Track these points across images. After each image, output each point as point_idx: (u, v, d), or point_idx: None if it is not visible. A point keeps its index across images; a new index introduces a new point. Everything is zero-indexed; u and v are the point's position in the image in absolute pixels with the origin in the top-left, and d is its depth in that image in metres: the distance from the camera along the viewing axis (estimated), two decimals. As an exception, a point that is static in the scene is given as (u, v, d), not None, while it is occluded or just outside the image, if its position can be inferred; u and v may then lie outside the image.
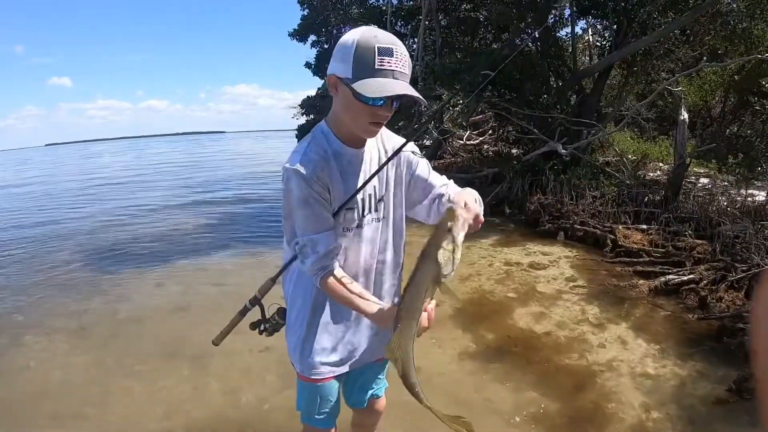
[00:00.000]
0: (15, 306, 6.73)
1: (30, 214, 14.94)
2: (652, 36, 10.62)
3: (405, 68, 1.61)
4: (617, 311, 5.59)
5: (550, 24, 12.78)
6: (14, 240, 11.00)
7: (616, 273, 6.77)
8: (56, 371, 4.79)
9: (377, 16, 16.40)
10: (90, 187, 22.70)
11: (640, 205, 8.74)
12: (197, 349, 4.92)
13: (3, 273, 8.31)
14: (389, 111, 1.68)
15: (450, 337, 5.08)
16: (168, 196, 17.23)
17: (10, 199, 19.29)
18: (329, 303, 1.97)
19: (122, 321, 6.01)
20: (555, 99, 11.69)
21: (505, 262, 7.48)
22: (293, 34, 17.87)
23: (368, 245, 1.93)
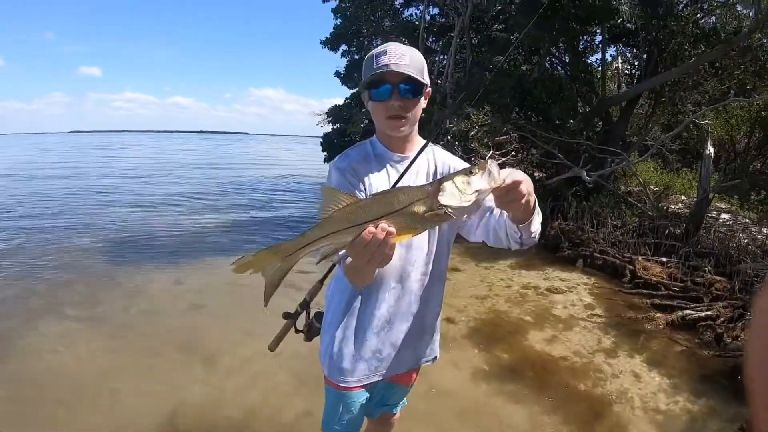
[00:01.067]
0: (31, 289, 6.89)
1: (52, 200, 15.22)
2: (683, 68, 10.67)
3: (400, 59, 1.73)
4: (633, 343, 5.64)
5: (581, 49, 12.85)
6: (36, 224, 11.24)
7: (633, 304, 6.81)
8: (68, 359, 4.91)
9: (409, 30, 16.53)
10: (113, 177, 23.14)
11: (661, 237, 8.77)
12: (211, 348, 5.06)
13: (22, 256, 8.50)
14: (399, 101, 1.77)
15: (466, 356, 5.15)
16: (192, 193, 17.51)
17: (33, 185, 19.54)
18: (363, 308, 1.97)
19: (137, 314, 6.13)
20: (581, 125, 11.73)
21: (523, 285, 7.56)
22: (325, 42, 18.03)
23: (407, 251, 1.92)
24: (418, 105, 1.84)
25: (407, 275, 1.95)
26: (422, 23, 15.23)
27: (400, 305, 1.98)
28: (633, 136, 13.35)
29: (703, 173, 9.09)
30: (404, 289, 1.96)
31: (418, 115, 1.89)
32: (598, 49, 13.66)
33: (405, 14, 17.47)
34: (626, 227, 9.07)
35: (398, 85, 1.75)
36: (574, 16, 11.25)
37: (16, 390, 4.32)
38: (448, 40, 14.27)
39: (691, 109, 12.76)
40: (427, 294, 2.02)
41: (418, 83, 1.77)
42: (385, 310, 1.97)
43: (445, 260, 2.06)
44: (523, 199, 1.44)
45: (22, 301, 6.45)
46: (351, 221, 1.34)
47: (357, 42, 17.90)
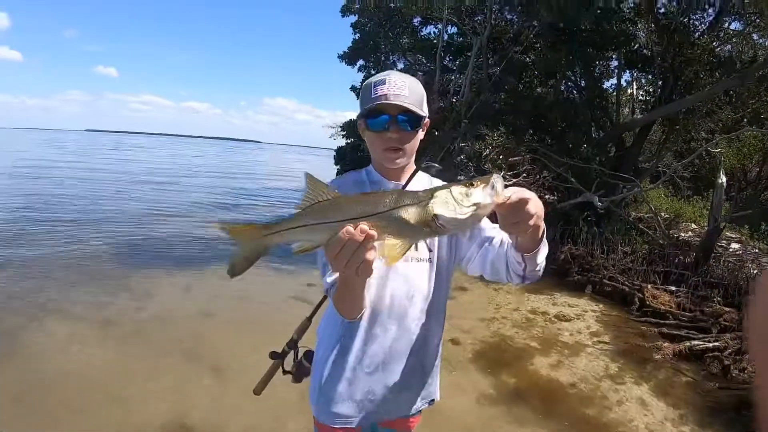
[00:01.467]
0: (39, 287, 6.99)
1: (65, 199, 15.44)
2: (698, 96, 10.74)
3: (399, 90, 1.66)
4: (640, 371, 5.69)
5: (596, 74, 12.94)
6: (49, 221, 11.44)
7: (641, 332, 6.87)
8: (76, 360, 4.99)
9: (427, 49, 16.68)
10: (128, 179, 23.36)
11: (671, 265, 8.81)
12: (219, 358, 5.12)
13: (33, 253, 8.62)
14: (397, 133, 1.70)
15: (471, 380, 5.21)
16: (206, 201, 17.63)
17: (48, 182, 19.71)
18: (355, 346, 1.83)
19: (147, 319, 6.21)
20: (595, 149, 11.79)
21: (531, 310, 7.62)
22: (343, 56, 18.22)
23: (403, 284, 1.80)
24: (416, 137, 1.79)
25: (404, 311, 1.82)
26: (440, 42, 15.35)
27: (396, 343, 1.84)
28: (645, 162, 13.39)
29: (715, 202, 9.12)
30: (400, 326, 1.83)
31: (415, 147, 1.83)
32: (613, 74, 13.78)
33: (423, 32, 17.72)
34: (636, 254, 9.13)
35: (396, 116, 1.69)
36: (591, 42, 11.37)
37: (23, 389, 4.40)
38: (465, 59, 14.36)
39: (704, 136, 12.83)
40: (426, 332, 1.88)
41: (417, 115, 1.71)
42: (380, 348, 1.83)
43: (445, 295, 1.93)
44: (531, 221, 1.28)
45: (32, 299, 6.54)
46: (327, 217, 1.23)
47: (374, 57, 18.10)
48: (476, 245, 1.78)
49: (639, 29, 12.67)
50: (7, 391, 4.35)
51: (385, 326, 1.82)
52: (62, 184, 19.38)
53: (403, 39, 17.25)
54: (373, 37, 17.32)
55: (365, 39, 17.65)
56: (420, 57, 17.93)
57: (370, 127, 1.74)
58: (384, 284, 1.79)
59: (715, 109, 12.02)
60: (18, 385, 4.46)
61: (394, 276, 1.79)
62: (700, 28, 11.98)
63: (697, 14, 11.91)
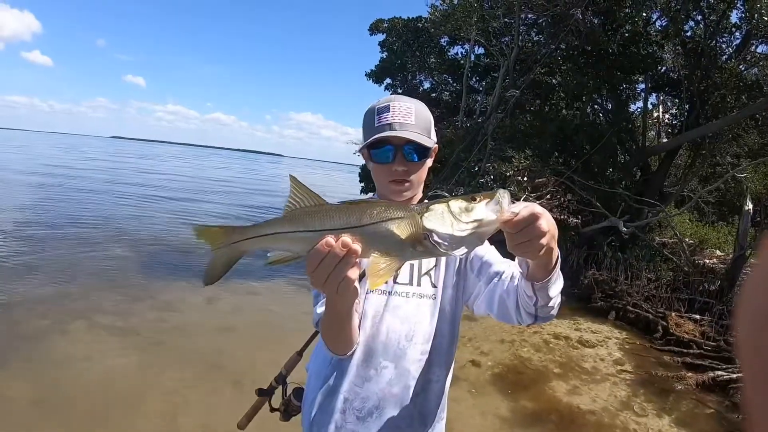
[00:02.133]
0: (64, 292, 7.18)
1: (92, 205, 15.82)
2: (725, 120, 10.70)
3: (405, 118, 1.55)
4: (662, 402, 5.70)
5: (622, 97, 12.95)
6: (73, 227, 11.72)
7: (664, 362, 6.88)
8: (98, 368, 5.11)
9: (454, 69, 16.80)
10: (154, 188, 23.76)
11: (695, 293, 8.79)
12: (240, 372, 5.16)
13: (57, 259, 8.83)
14: (403, 165, 1.57)
15: (492, 404, 5.26)
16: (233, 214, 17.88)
17: (73, 188, 20.10)
18: (346, 387, 1.63)
19: (169, 330, 6.33)
20: (620, 174, 11.79)
21: (554, 334, 7.66)
22: (370, 75, 18.37)
23: (402, 322, 1.62)
24: (423, 167, 1.65)
25: (402, 352, 1.62)
26: (467, 62, 15.45)
27: (392, 387, 1.62)
28: (671, 186, 13.34)
29: (741, 229, 9.07)
30: (397, 368, 1.62)
31: (423, 177, 1.69)
32: (640, 98, 13.78)
33: (450, 53, 17.87)
34: (660, 281, 9.11)
35: (402, 147, 1.56)
36: (618, 65, 11.41)
37: (43, 393, 4.53)
38: (492, 80, 14.45)
39: (730, 161, 12.77)
40: (427, 376, 1.66)
41: (424, 145, 1.57)
42: (373, 391, 1.62)
43: (451, 336, 1.70)
44: (543, 239, 1.11)
45: (56, 305, 6.71)
46: (306, 226, 1.11)
47: (401, 76, 18.24)
48: (484, 281, 1.62)
49: (666, 52, 12.68)
50: (27, 394, 4.48)
51: (380, 367, 1.62)
52: (87, 190, 19.80)
53: (430, 59, 17.40)
54: (401, 56, 17.47)
55: (392, 58, 17.81)
56: (446, 77, 18.08)
57: (374, 158, 1.62)
58: (380, 320, 1.62)
59: (741, 133, 11.96)
60: (38, 389, 4.59)
61: (392, 312, 1.63)
62: (727, 52, 11.99)
63: (724, 37, 11.95)
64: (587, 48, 11.72)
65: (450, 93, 18.19)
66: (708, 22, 11.50)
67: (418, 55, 17.38)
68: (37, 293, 7.01)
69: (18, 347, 5.40)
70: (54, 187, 19.52)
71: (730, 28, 11.74)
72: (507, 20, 14.11)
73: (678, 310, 8.25)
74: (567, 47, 12.73)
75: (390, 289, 1.64)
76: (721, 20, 11.33)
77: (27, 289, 7.19)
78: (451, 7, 14.79)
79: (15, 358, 5.17)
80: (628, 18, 11.60)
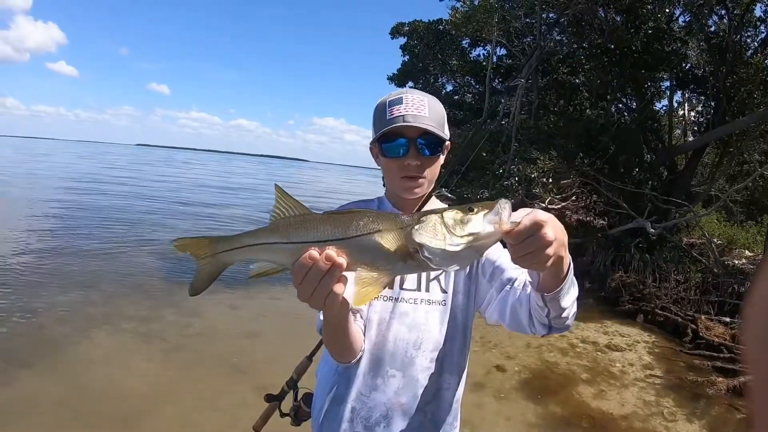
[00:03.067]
0: (87, 299, 7.31)
1: (118, 212, 16.14)
2: (752, 117, 10.53)
3: (418, 110, 1.49)
4: (692, 408, 5.68)
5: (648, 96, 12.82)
6: (97, 233, 12.05)
7: (694, 366, 6.83)
8: (120, 373, 5.19)
9: (476, 70, 16.74)
10: (179, 195, 24.21)
11: (725, 295, 8.69)
12: (263, 377, 5.17)
13: (80, 264, 9.04)
14: (417, 160, 1.52)
15: (518, 409, 5.27)
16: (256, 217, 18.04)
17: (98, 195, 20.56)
18: (353, 396, 1.59)
19: (192, 336, 6.40)
20: (647, 174, 11.68)
21: (581, 338, 7.63)
22: (392, 78, 18.44)
23: (410, 329, 1.58)
24: (436, 163, 1.59)
25: (410, 361, 1.57)
26: (489, 64, 15.40)
27: (400, 396, 1.58)
28: (698, 186, 13.18)
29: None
30: (406, 376, 1.58)
31: (436, 174, 1.63)
32: (665, 95, 13.63)
33: (472, 54, 17.85)
34: (689, 283, 9.02)
35: (416, 139, 1.50)
36: (642, 62, 11.30)
37: (66, 395, 4.64)
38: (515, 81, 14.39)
39: (758, 159, 12.58)
40: (437, 384, 1.61)
41: (439, 138, 1.52)
42: (381, 400, 1.57)
43: (462, 344, 1.65)
44: (549, 249, 1.03)
45: (80, 309, 6.86)
46: (290, 237, 1.07)
47: (424, 79, 18.24)
48: (495, 287, 1.54)
49: (690, 48, 12.53)
50: (51, 396, 4.60)
51: (388, 375, 1.58)
52: (112, 197, 20.23)
53: (452, 61, 17.37)
54: (422, 59, 17.49)
55: (414, 61, 17.84)
56: (469, 79, 18.04)
57: (386, 152, 1.56)
58: (387, 327, 1.58)
59: (767, 130, 11.79)
60: (61, 391, 4.70)
61: (399, 319, 1.58)
62: (752, 46, 11.84)
63: (749, 32, 11.81)
64: (610, 46, 11.63)
65: (473, 95, 18.15)
66: (732, 17, 11.32)
67: (439, 58, 17.37)
68: (61, 300, 7.17)
69: (42, 351, 5.54)
70: (79, 195, 19.93)
71: (754, 22, 11.61)
72: (528, 20, 14.02)
73: (708, 312, 8.19)
74: (590, 46, 12.65)
75: (396, 296, 1.60)
76: (745, 14, 11.19)
77: (51, 295, 7.36)
78: (471, 9, 14.74)
79: (40, 361, 5.30)
80: (650, 14, 11.49)
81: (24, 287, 7.58)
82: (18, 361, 5.25)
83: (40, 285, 7.71)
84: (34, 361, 5.27)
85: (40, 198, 17.73)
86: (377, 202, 1.74)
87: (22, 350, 5.53)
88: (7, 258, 8.98)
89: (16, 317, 6.40)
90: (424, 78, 18.17)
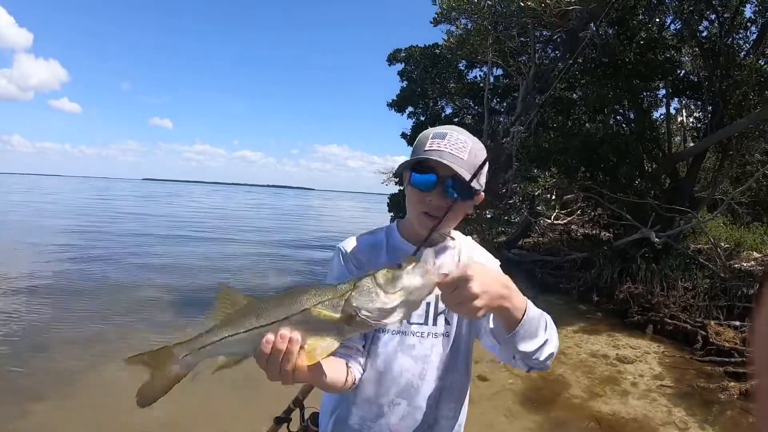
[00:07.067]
0: (97, 333, 7.44)
1: (124, 247, 16.45)
2: (749, 118, 10.56)
3: (457, 151, 1.48)
4: (705, 415, 5.68)
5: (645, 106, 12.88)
6: (105, 268, 12.20)
7: (705, 372, 6.83)
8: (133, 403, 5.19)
9: (474, 92, 16.88)
10: (186, 229, 24.45)
11: (733, 299, 8.69)
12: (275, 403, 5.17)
13: (90, 297, 9.27)
14: (442, 200, 1.50)
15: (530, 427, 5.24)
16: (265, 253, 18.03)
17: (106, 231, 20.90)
18: (357, 422, 1.63)
19: (205, 364, 6.38)
20: (649, 183, 11.70)
21: (591, 353, 7.64)
22: (392, 104, 18.57)
23: (416, 362, 1.60)
24: (461, 209, 1.57)
25: (415, 391, 1.61)
26: (486, 85, 15.53)
27: (405, 421, 1.61)
28: (701, 191, 13.18)
29: (777, 229, 8.96)
30: (411, 406, 1.61)
31: (457, 220, 1.62)
32: (662, 104, 13.71)
33: (469, 76, 18.03)
34: (697, 289, 9.02)
35: (446, 180, 1.48)
36: (637, 73, 11.39)
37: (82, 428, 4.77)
38: (513, 101, 14.51)
39: (759, 159, 12.59)
40: (442, 412, 1.65)
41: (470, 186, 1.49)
42: (385, 426, 1.61)
43: (464, 371, 1.70)
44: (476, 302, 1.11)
45: (91, 343, 6.99)
46: (244, 325, 1.15)
47: (423, 104, 18.39)
48: (488, 319, 1.52)
49: (683, 55, 12.63)
50: (66, 429, 4.74)
51: (393, 404, 1.61)
52: (119, 232, 20.62)
53: (449, 84, 17.52)
54: (421, 83, 17.63)
55: (413, 86, 17.98)
56: (467, 101, 18.19)
57: (414, 181, 1.54)
58: (393, 359, 1.60)
59: (767, 129, 11.79)
60: (77, 424, 4.83)
61: (406, 351, 1.61)
62: (744, 48, 11.92)
63: (740, 34, 11.91)
64: (604, 59, 11.71)
65: (472, 116, 18.27)
66: (722, 20, 11.44)
67: (437, 82, 17.53)
68: (72, 335, 7.30)
69: (56, 385, 5.65)
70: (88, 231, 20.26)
71: (745, 23, 11.73)
72: (522, 39, 14.17)
73: (717, 318, 8.19)
74: (584, 60, 12.75)
75: (404, 330, 1.61)
76: (735, 16, 11.32)
77: (63, 331, 7.50)
78: (465, 32, 14.90)
79: (53, 394, 5.40)
80: (642, 25, 11.62)
81: (35, 322, 7.79)
82: (31, 394, 5.36)
83: (52, 322, 7.87)
84: (48, 395, 5.37)
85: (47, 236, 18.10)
86: (385, 234, 1.74)
87: (36, 384, 5.64)
88: (18, 295, 9.26)
89: (28, 352, 6.56)
90: (424, 102, 18.32)
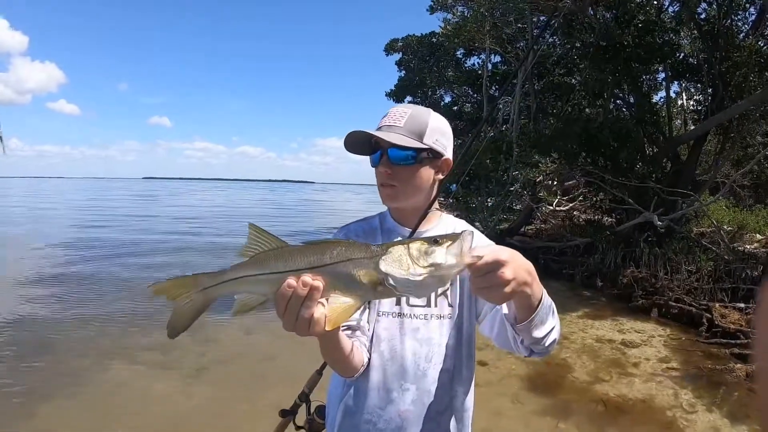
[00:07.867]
0: (102, 331, 7.42)
1: (127, 245, 16.37)
2: (750, 100, 10.50)
3: (395, 121, 1.56)
4: (712, 397, 5.65)
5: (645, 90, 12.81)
6: (107, 267, 12.18)
7: (711, 354, 6.82)
8: (140, 401, 5.24)
9: (472, 80, 16.80)
10: (190, 224, 24.54)
11: (738, 281, 8.67)
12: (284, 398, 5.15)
13: (95, 296, 9.28)
14: (387, 168, 1.57)
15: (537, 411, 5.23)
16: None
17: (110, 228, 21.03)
18: (367, 408, 1.62)
19: (209, 362, 6.41)
20: (650, 167, 11.66)
21: (597, 338, 7.61)
22: (390, 94, 18.55)
23: (422, 344, 1.61)
24: (415, 173, 1.59)
25: (423, 374, 1.60)
26: (485, 72, 15.47)
27: (415, 407, 1.60)
28: (703, 174, 13.13)
29: (781, 212, 8.93)
30: (420, 390, 1.60)
31: (419, 184, 1.62)
32: (661, 87, 13.64)
33: (467, 64, 17.97)
34: (701, 272, 8.99)
35: (387, 150, 1.55)
36: (636, 56, 11.32)
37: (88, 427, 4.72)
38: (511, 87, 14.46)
39: (761, 140, 12.53)
40: (450, 395, 1.65)
41: (411, 148, 1.53)
42: (395, 413, 1.60)
43: (469, 352, 1.69)
44: (506, 288, 1.09)
45: (97, 343, 6.95)
46: (270, 267, 1.12)
47: (421, 93, 18.33)
48: (488, 304, 1.57)
49: (682, 38, 12.55)
50: (73, 428, 4.70)
51: (402, 389, 1.60)
52: (123, 230, 20.57)
53: (447, 72, 17.48)
54: (419, 73, 17.59)
55: (411, 75, 17.94)
56: (466, 89, 18.11)
57: (370, 161, 1.64)
58: (400, 343, 1.60)
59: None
60: (84, 422, 4.79)
61: (411, 335, 1.60)
62: (743, 29, 11.87)
63: (738, 15, 11.84)
64: (602, 43, 11.64)
65: (471, 104, 18.25)
66: (720, 2, 11.35)
67: (435, 70, 17.50)
68: (76, 334, 7.28)
69: (62, 384, 5.60)
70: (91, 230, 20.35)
71: (743, 4, 11.63)
72: (520, 25, 14.10)
73: (722, 300, 8.16)
74: (582, 45, 12.69)
75: (403, 311, 1.62)
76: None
77: (69, 331, 7.47)
78: (462, 19, 14.82)
79: (60, 394, 5.36)
80: (640, 8, 11.58)
81: (41, 322, 7.79)
82: (38, 394, 5.34)
83: (56, 320, 7.88)
84: (54, 394, 5.35)
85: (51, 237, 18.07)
86: (379, 218, 1.77)
87: (42, 384, 5.61)
88: (25, 296, 9.23)
89: (33, 352, 6.53)
90: (422, 91, 18.29)
